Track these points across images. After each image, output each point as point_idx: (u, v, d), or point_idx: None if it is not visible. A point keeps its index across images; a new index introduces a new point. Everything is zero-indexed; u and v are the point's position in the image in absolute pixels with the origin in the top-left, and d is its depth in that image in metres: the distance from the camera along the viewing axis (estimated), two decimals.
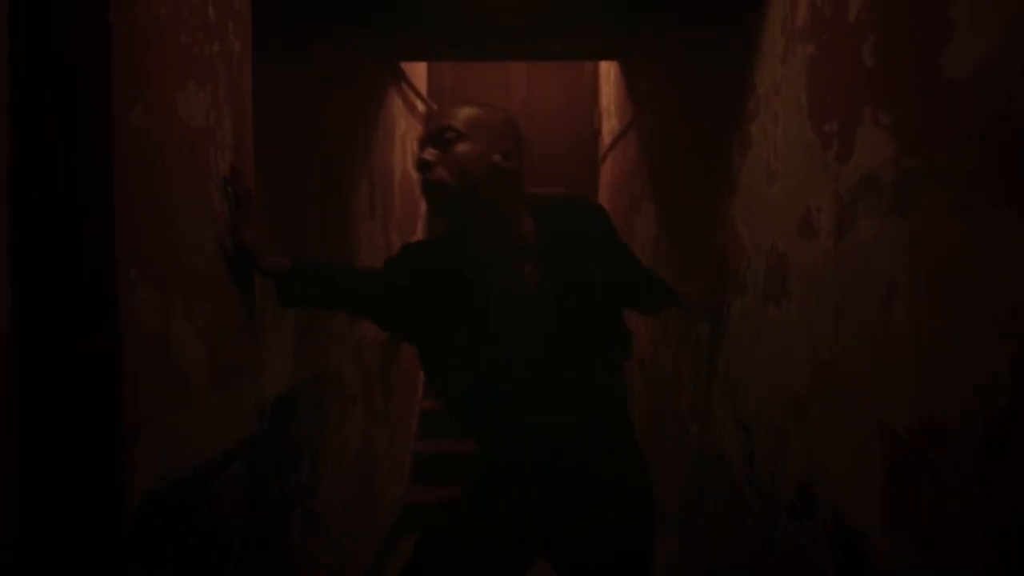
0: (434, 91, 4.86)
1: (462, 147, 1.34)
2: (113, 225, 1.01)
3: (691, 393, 2.22)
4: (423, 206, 4.74)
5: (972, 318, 0.82)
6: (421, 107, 4.55)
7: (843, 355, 1.15)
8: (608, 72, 4.38)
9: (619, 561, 1.44)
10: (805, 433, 1.31)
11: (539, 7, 2.42)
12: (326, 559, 2.44)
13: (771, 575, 1.47)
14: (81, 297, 1.00)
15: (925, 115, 0.92)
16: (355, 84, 2.72)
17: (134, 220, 1.05)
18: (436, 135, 1.37)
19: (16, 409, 0.94)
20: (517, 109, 5.01)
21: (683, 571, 2.32)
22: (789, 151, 1.39)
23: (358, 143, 2.90)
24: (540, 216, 1.44)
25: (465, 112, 1.38)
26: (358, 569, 2.92)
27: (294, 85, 2.12)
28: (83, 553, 1.00)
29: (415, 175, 4.42)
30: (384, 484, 3.45)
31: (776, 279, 1.46)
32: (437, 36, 2.78)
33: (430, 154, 1.36)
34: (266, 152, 1.71)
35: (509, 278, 1.41)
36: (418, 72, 4.52)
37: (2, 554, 0.91)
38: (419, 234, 4.41)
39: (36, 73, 0.96)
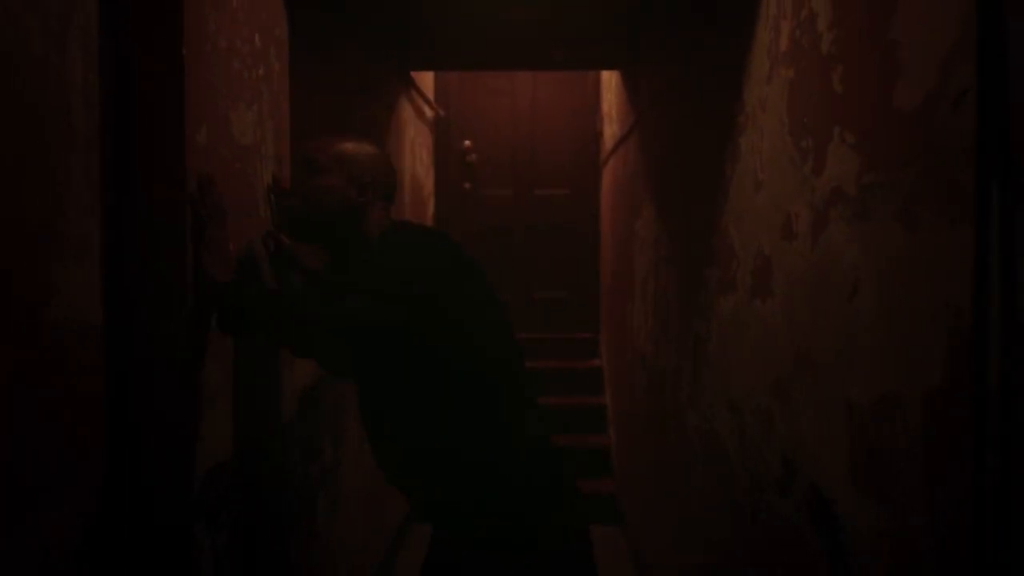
0: (441, 97, 5.02)
1: (321, 180, 1.40)
2: (185, 231, 1.17)
3: (690, 386, 2.38)
4: (431, 206, 4.91)
5: (916, 310, 0.98)
6: (429, 112, 4.72)
7: (818, 344, 1.31)
8: (610, 79, 4.53)
9: None
10: (787, 414, 1.47)
11: (545, 22, 2.59)
12: (345, 543, 2.60)
13: (760, 542, 1.63)
14: (158, 291, 1.16)
15: (881, 138, 1.08)
16: (372, 95, 2.88)
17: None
18: (300, 165, 1.45)
19: (104, 389, 1.10)
20: (522, 113, 5.17)
21: (676, 558, 2.48)
22: (773, 163, 1.55)
23: None
24: (384, 244, 1.44)
25: (332, 146, 1.43)
26: (374, 554, 3.08)
27: (322, 99, 2.28)
28: (157, 512, 1.16)
29: (422, 178, 4.58)
30: None
31: (762, 278, 1.62)
32: (447, 48, 2.94)
33: (289, 183, 1.46)
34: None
35: None
36: (426, 79, 4.68)
37: (86, 519, 1.07)
38: None
39: (123, 104, 1.12)
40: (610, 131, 4.52)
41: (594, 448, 4.39)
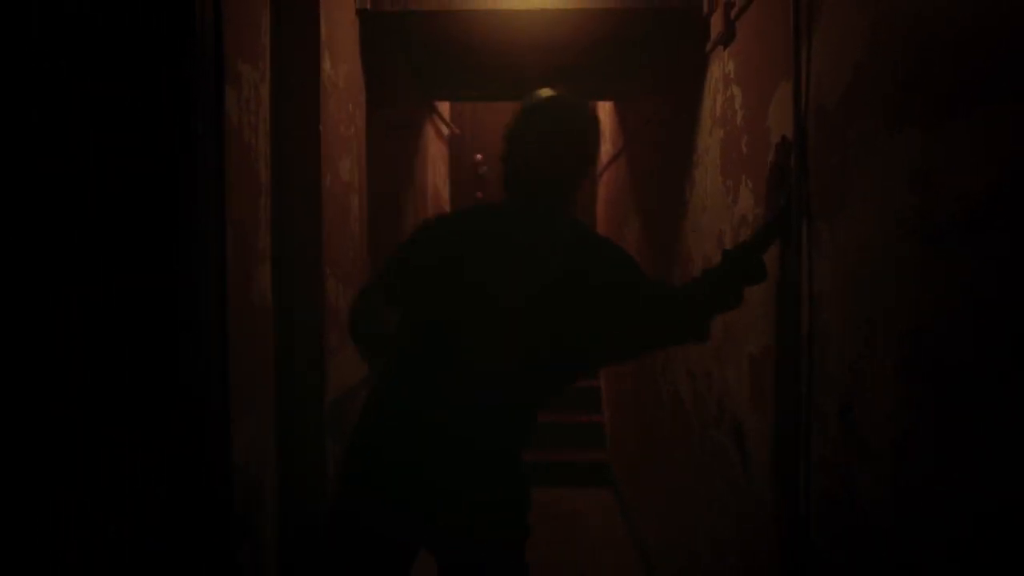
0: (456, 117, 5.67)
1: None
2: (321, 243, 1.81)
3: (662, 361, 3.02)
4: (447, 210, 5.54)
5: (777, 295, 1.62)
6: (446, 131, 5.36)
7: (736, 318, 1.95)
8: (604, 103, 5.17)
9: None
10: (720, 372, 2.11)
11: (548, 66, 3.23)
12: None
13: (705, 460, 2.27)
14: (303, 284, 1.80)
15: (762, 186, 1.71)
16: (407, 128, 3.53)
17: (327, 240, 1.86)
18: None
19: (273, 346, 1.74)
20: None
21: (654, 502, 3.12)
22: (712, 194, 2.19)
23: (407, 171, 3.71)
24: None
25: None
26: None
27: (378, 140, 2.92)
28: (305, 427, 1.80)
29: (440, 189, 5.19)
30: None
31: None
32: (465, 84, 3.58)
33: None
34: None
35: None
36: (444, 102, 5.32)
37: (266, 419, 1.71)
38: None
39: (281, 162, 1.76)
40: (604, 148, 5.16)
41: (590, 424, 5.03)
